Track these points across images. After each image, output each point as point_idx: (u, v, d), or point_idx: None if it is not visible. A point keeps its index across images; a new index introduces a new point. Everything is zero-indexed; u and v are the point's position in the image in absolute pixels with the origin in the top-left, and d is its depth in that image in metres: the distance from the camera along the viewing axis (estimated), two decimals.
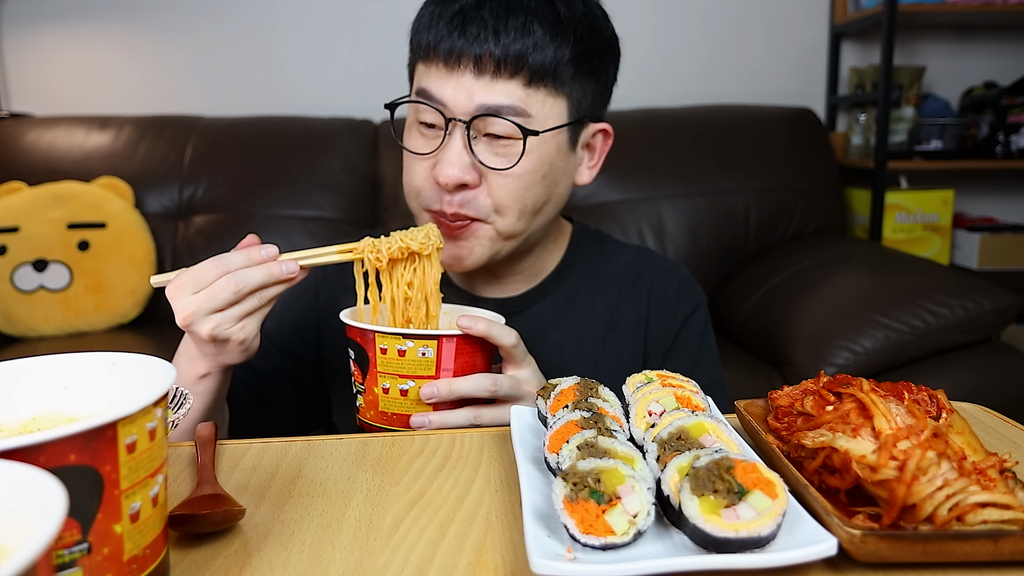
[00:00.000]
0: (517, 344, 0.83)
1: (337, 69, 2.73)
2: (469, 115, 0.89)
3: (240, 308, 0.79)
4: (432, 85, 0.91)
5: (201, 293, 0.78)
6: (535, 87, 0.89)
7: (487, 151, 0.91)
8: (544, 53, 0.89)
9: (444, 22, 0.89)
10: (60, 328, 2.17)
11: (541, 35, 0.88)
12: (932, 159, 2.69)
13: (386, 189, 2.39)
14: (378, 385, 0.82)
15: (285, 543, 0.54)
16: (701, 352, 1.07)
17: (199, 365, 0.86)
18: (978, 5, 2.55)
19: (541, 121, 0.91)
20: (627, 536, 0.49)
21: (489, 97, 0.88)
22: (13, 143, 2.38)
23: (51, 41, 2.69)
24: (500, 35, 0.87)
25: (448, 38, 0.89)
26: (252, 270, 0.79)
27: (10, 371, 0.55)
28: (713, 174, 2.38)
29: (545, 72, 0.89)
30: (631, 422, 0.64)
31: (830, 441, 0.56)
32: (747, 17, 2.80)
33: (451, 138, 0.90)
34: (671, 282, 1.08)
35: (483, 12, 0.88)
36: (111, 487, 0.43)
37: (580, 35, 0.91)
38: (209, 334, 0.79)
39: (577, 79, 0.93)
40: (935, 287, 1.84)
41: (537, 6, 0.89)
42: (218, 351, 0.82)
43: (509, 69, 0.88)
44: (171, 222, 2.34)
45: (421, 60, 0.94)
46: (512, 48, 0.87)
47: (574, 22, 0.91)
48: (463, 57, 0.88)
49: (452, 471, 0.66)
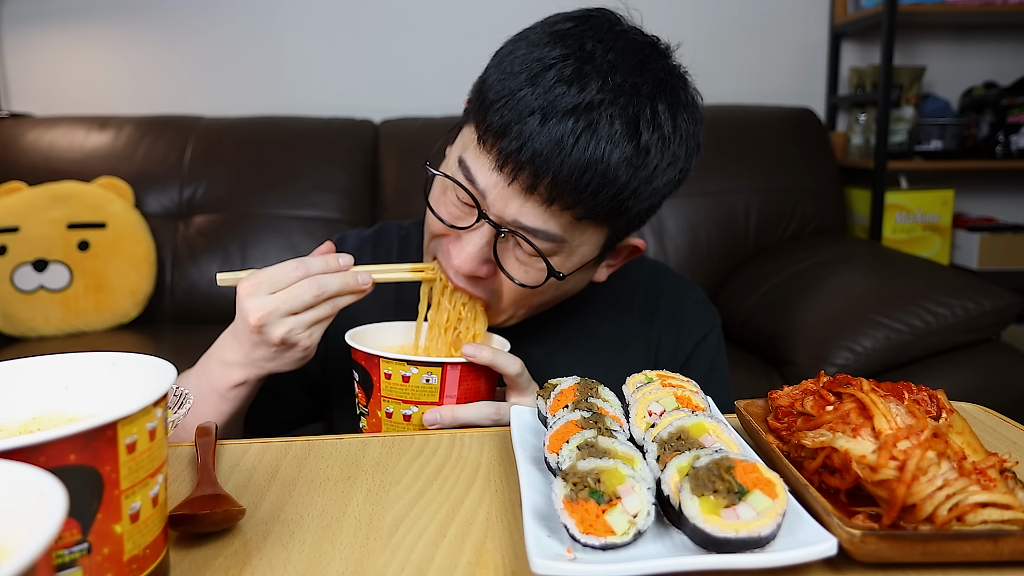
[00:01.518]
0: (521, 372, 0.82)
1: (337, 69, 2.73)
2: (503, 223, 0.82)
3: (314, 313, 0.79)
4: (478, 173, 0.82)
5: (280, 293, 0.77)
6: (582, 221, 0.82)
7: (510, 256, 0.85)
8: (608, 193, 0.79)
9: (518, 115, 0.78)
10: (60, 328, 2.17)
11: (614, 173, 0.78)
12: (932, 159, 2.69)
13: (386, 189, 2.39)
14: (381, 409, 0.82)
15: (285, 543, 0.54)
16: (711, 376, 1.04)
17: (236, 373, 0.83)
18: (978, 5, 2.55)
19: (574, 248, 0.85)
20: (627, 536, 0.49)
21: (527, 219, 0.81)
22: (13, 143, 2.38)
23: (51, 41, 2.69)
24: (568, 165, 0.77)
25: (516, 140, 0.77)
26: (331, 276, 0.79)
27: (10, 371, 0.55)
28: (713, 174, 2.38)
29: (599, 212, 0.81)
30: (631, 422, 0.64)
31: (830, 441, 0.56)
32: (747, 17, 2.80)
33: (479, 231, 0.83)
34: (683, 304, 1.06)
35: (563, 129, 0.76)
36: (111, 487, 0.43)
37: (656, 171, 0.81)
38: (282, 337, 0.78)
39: (631, 210, 0.83)
40: (935, 287, 1.84)
41: (622, 137, 0.77)
42: (277, 356, 0.81)
43: (562, 202, 0.79)
44: (171, 222, 2.34)
45: (479, 138, 0.82)
46: (575, 183, 0.77)
47: (656, 157, 0.80)
48: (520, 172, 0.78)
49: (452, 471, 0.66)
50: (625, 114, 0.78)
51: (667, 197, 0.89)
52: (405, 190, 2.33)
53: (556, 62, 0.79)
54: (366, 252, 1.09)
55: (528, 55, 0.81)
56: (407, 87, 2.70)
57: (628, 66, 0.80)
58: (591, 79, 0.78)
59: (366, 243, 1.10)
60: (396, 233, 1.11)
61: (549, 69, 0.78)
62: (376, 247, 1.10)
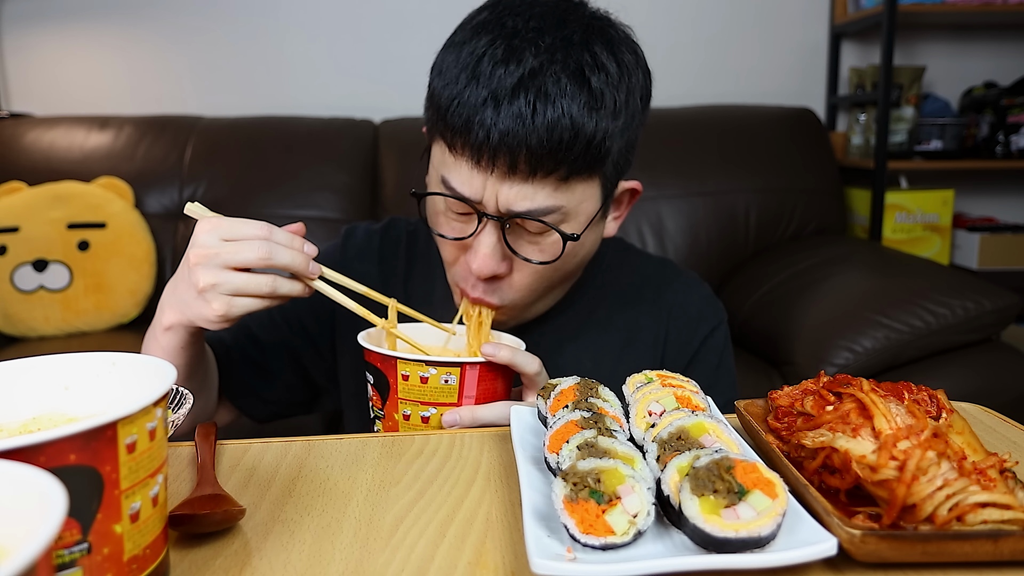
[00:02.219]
0: (540, 372, 0.83)
1: (337, 69, 2.73)
2: (503, 214, 0.85)
3: (247, 279, 0.75)
4: (461, 181, 0.85)
5: (231, 244, 0.75)
6: (570, 180, 0.84)
7: (523, 241, 0.88)
8: (583, 142, 0.82)
9: (473, 108, 0.81)
10: (60, 328, 2.17)
11: (580, 122, 0.81)
12: (932, 159, 2.69)
13: (386, 189, 2.39)
14: (398, 412, 0.81)
15: (285, 543, 0.54)
16: (719, 372, 1.05)
17: (167, 313, 0.81)
18: (978, 5, 2.55)
19: (575, 209, 0.86)
20: (627, 536, 0.49)
21: (520, 203, 0.83)
22: (13, 143, 2.38)
23: (51, 41, 2.69)
24: (536, 131, 0.80)
25: (480, 130, 0.81)
26: (285, 248, 0.76)
27: (10, 371, 0.55)
28: (713, 174, 2.38)
29: (582, 164, 0.83)
30: (631, 422, 0.64)
31: (830, 441, 0.56)
32: (747, 17, 2.80)
33: (485, 230, 0.86)
34: (692, 299, 1.06)
35: (517, 103, 0.80)
36: (111, 487, 0.43)
37: (619, 105, 0.85)
38: (204, 285, 0.75)
39: (610, 152, 0.86)
40: (935, 287, 1.84)
41: (574, 89, 0.81)
42: (191, 302, 0.77)
43: (544, 168, 0.82)
44: (171, 222, 2.34)
45: (448, 147, 0.85)
46: (549, 145, 0.80)
47: (613, 93, 0.84)
48: (496, 158, 0.81)
49: (452, 471, 0.66)
50: (567, 68, 0.82)
51: (642, 127, 0.93)
52: (405, 190, 2.33)
53: (486, 49, 0.83)
54: (374, 244, 1.09)
55: (460, 56, 0.85)
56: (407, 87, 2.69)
57: (551, 26, 0.84)
58: (523, 51, 0.82)
59: (374, 235, 1.11)
60: (405, 228, 1.12)
61: (483, 58, 0.82)
62: (384, 240, 1.10)
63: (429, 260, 1.08)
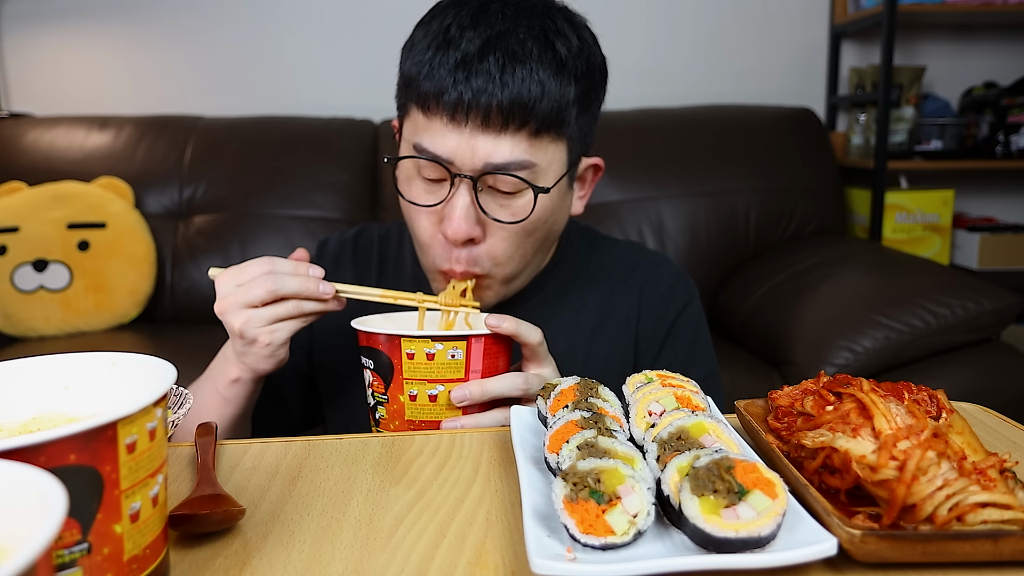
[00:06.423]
0: (542, 342, 0.84)
1: (337, 69, 2.73)
2: (475, 172, 0.86)
3: (273, 310, 0.81)
4: (435, 141, 0.87)
5: (241, 286, 0.81)
6: (540, 136, 0.87)
7: (493, 203, 0.89)
8: (550, 100, 0.85)
9: (446, 70, 0.85)
10: (60, 328, 2.17)
11: (547, 81, 0.85)
12: (932, 159, 2.69)
13: (386, 189, 2.39)
14: (404, 393, 0.81)
15: (285, 543, 0.54)
16: (695, 346, 1.06)
17: (231, 369, 0.87)
18: (978, 5, 2.55)
19: (545, 169, 0.89)
20: (627, 536, 0.49)
21: (496, 154, 0.85)
22: (13, 143, 2.38)
23: (51, 41, 2.69)
24: (507, 85, 0.84)
25: (453, 89, 0.84)
26: (290, 277, 0.81)
27: (10, 371, 0.55)
28: (713, 174, 2.38)
29: (551, 120, 0.87)
30: (631, 422, 0.64)
31: (830, 441, 0.56)
32: (747, 17, 2.80)
33: (457, 192, 0.88)
34: (662, 276, 1.08)
35: (487, 62, 0.84)
36: (111, 487, 0.43)
37: (581, 73, 0.89)
38: (239, 328, 0.81)
39: (577, 119, 0.91)
40: (935, 287, 1.84)
41: (539, 51, 0.86)
42: (245, 350, 0.84)
43: (517, 121, 0.85)
44: (171, 222, 2.34)
45: (421, 111, 0.88)
46: (519, 99, 0.84)
47: (574, 61, 0.88)
48: (470, 112, 0.84)
49: (452, 471, 0.66)
50: (532, 32, 0.87)
51: (600, 108, 0.97)
52: None
53: (452, 20, 0.87)
54: (346, 254, 1.11)
55: (427, 33, 0.89)
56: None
57: (515, 2, 0.90)
58: (489, 16, 0.87)
59: (347, 245, 1.12)
60: (376, 232, 1.14)
61: (450, 27, 0.87)
62: (356, 248, 1.12)
63: (400, 260, 1.10)
